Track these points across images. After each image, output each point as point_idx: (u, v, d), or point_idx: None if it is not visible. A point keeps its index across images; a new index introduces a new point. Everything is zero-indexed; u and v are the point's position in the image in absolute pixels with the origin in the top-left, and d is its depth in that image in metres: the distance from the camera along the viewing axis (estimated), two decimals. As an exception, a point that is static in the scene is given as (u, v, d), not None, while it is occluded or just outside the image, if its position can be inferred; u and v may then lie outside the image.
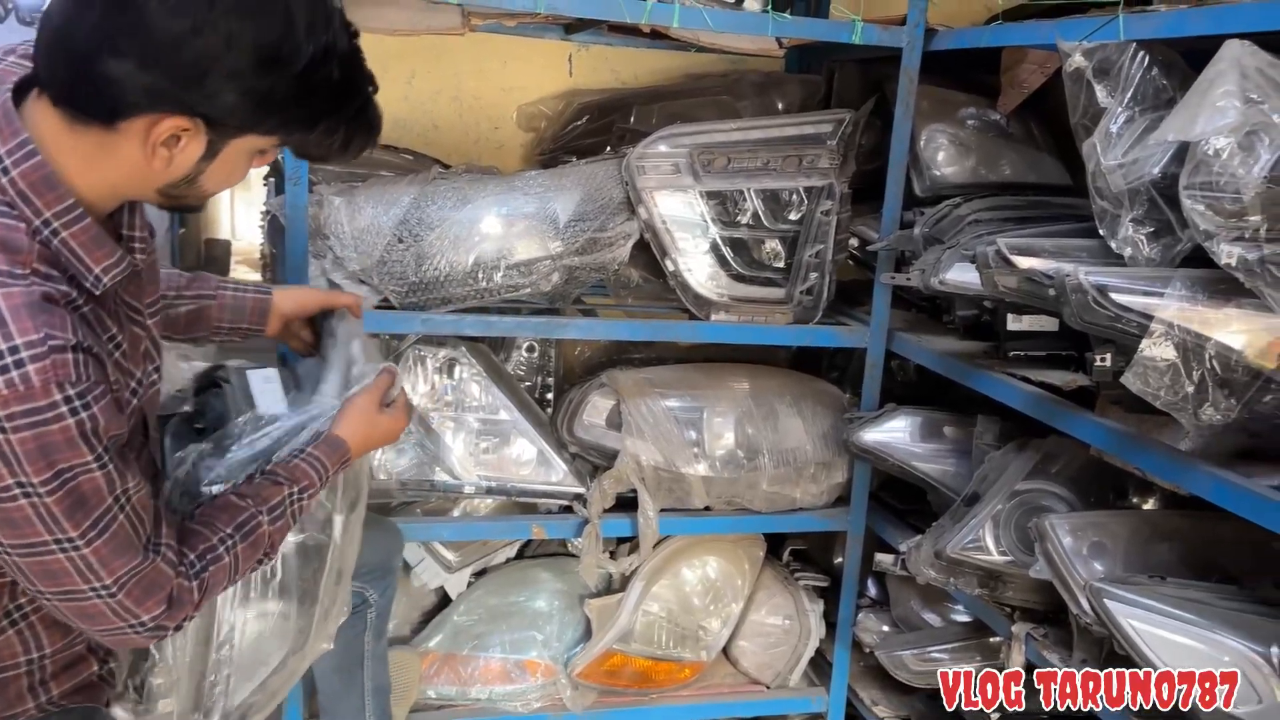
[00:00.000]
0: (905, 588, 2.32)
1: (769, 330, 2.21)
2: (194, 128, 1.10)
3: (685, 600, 2.41)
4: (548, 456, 2.25)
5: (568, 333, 2.14)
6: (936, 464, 2.13)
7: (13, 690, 1.28)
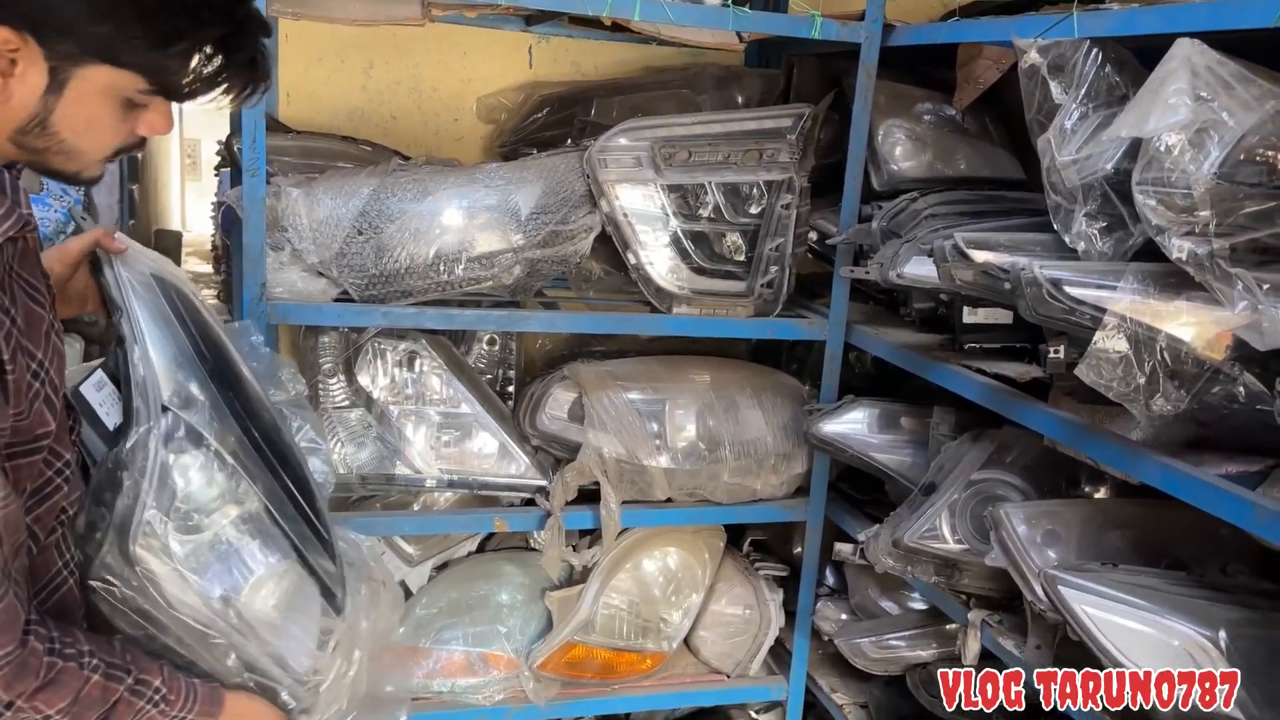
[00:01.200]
0: (863, 576, 2.36)
1: (730, 323, 2.22)
2: (24, 45, 0.99)
3: (646, 591, 2.42)
4: (510, 449, 2.25)
5: (529, 326, 2.14)
6: (894, 454, 2.17)
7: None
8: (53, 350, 1.14)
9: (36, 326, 1.12)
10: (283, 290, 1.97)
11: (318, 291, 2.01)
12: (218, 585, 1.30)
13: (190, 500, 1.29)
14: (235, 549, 1.32)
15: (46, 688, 1.11)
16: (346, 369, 2.22)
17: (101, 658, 1.18)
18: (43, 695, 1.11)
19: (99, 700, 1.17)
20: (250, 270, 1.91)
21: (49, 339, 1.14)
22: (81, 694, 1.15)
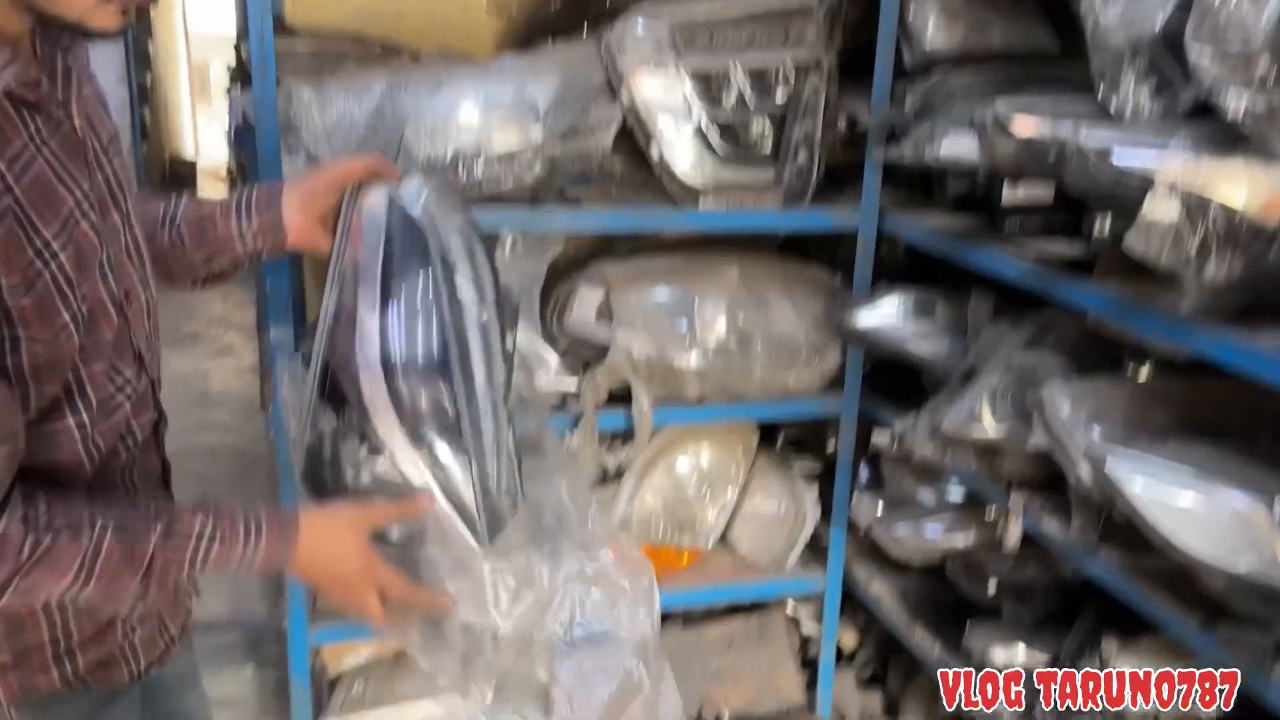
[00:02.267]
0: (899, 468, 2.33)
1: (758, 215, 2.16)
2: None
3: (680, 490, 2.42)
4: (538, 352, 2.22)
5: (553, 225, 2.09)
6: (930, 344, 2.12)
7: (36, 659, 1.18)
8: (74, 239, 1.07)
9: (53, 206, 1.05)
10: (300, 195, 1.92)
11: (335, 196, 1.96)
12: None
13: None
14: None
15: (38, 564, 1.04)
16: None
17: (112, 518, 1.09)
18: (37, 571, 1.05)
19: (125, 561, 1.09)
20: (267, 175, 1.86)
21: (68, 223, 1.06)
22: (93, 560, 1.07)
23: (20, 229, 1.00)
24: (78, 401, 1.11)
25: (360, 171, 1.38)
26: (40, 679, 1.19)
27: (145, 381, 1.23)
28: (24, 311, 1.01)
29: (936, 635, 2.22)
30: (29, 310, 1.01)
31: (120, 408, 1.18)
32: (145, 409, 1.24)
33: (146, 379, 1.24)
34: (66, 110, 1.10)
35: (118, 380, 1.17)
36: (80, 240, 1.08)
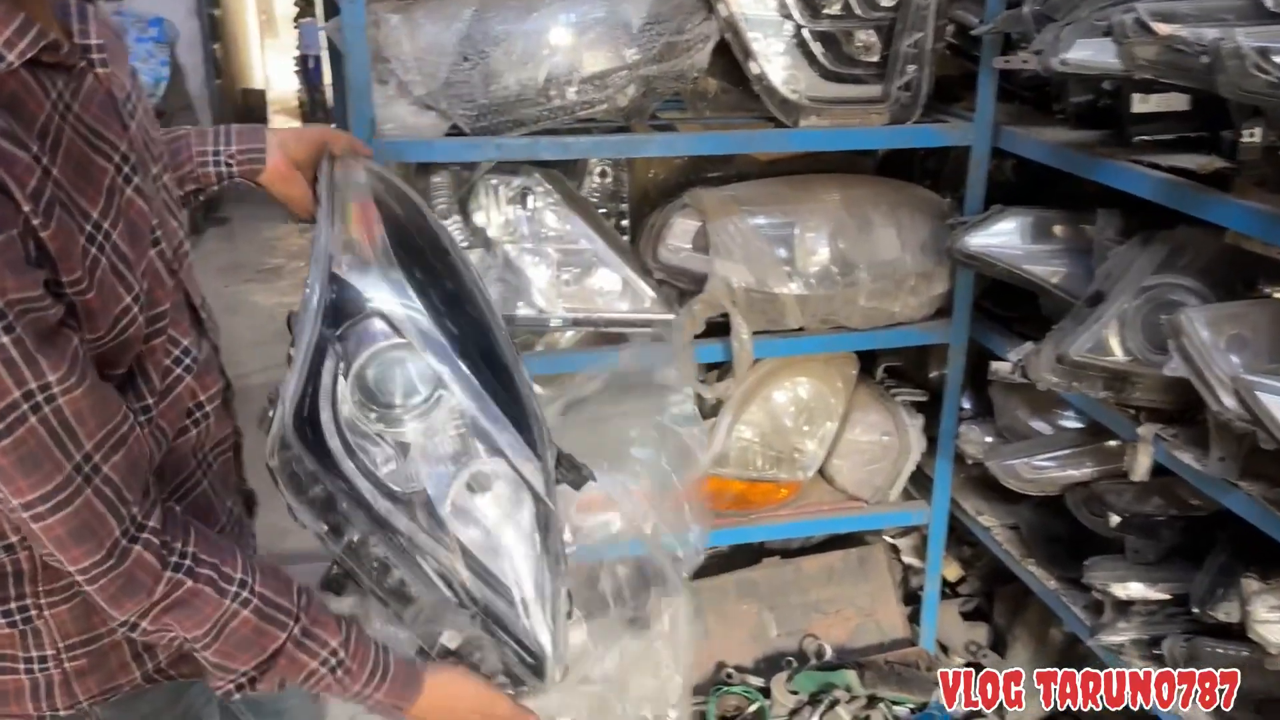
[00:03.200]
0: (1012, 397, 2.24)
1: (863, 133, 2.06)
2: None
3: (778, 422, 2.36)
4: (633, 284, 2.16)
5: (649, 150, 2.01)
6: (1049, 266, 2.00)
7: (115, 659, 1.13)
8: (122, 211, 0.97)
9: (94, 180, 0.94)
10: (392, 126, 1.88)
11: (428, 126, 1.91)
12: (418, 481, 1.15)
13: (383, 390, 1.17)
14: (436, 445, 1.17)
15: (173, 608, 0.97)
16: (462, 209, 2.13)
17: (260, 592, 1.02)
18: (171, 615, 0.98)
19: (250, 641, 1.02)
20: (357, 105, 1.81)
21: (113, 196, 0.96)
22: (224, 625, 1.00)
23: (68, 215, 0.89)
24: (140, 385, 1.03)
25: (341, 144, 1.39)
26: (121, 679, 1.14)
27: (207, 348, 1.16)
28: (90, 305, 0.91)
29: (1052, 570, 2.14)
30: (95, 303, 0.91)
31: (181, 383, 1.09)
32: (211, 376, 1.16)
33: (208, 345, 1.16)
34: (88, 58, 0.98)
35: (175, 353, 1.08)
36: (128, 210, 0.98)
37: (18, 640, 1.07)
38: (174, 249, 1.09)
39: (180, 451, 1.13)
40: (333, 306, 1.14)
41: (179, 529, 0.99)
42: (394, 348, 1.14)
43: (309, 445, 1.09)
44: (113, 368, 0.98)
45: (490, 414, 1.17)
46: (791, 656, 2.43)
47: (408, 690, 1.12)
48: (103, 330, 0.93)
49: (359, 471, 1.11)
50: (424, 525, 1.12)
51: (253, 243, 5.93)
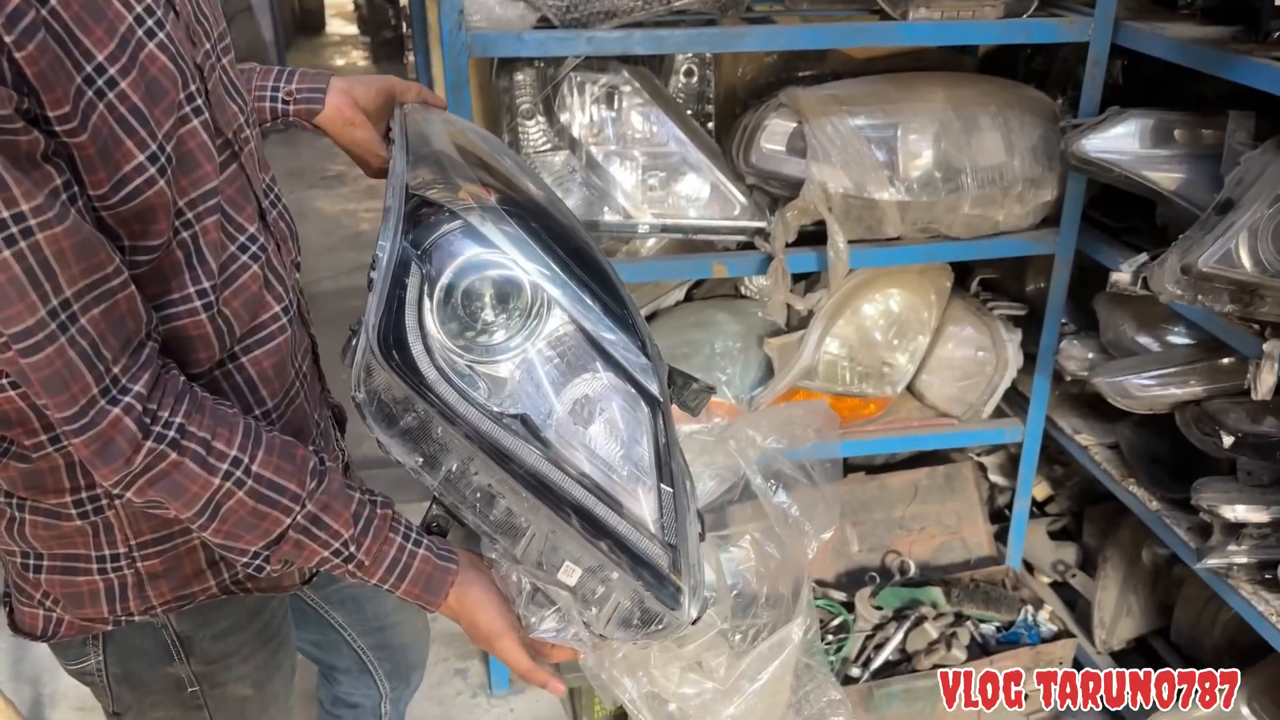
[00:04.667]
0: (1117, 311, 2.14)
1: (977, 26, 1.93)
2: None
3: (867, 336, 2.28)
4: (723, 189, 2.07)
5: (749, 44, 1.90)
6: (1171, 172, 1.89)
7: (189, 564, 1.10)
8: (140, 64, 0.89)
9: (105, 22, 0.87)
10: (480, 18, 1.79)
11: (515, 18, 1.82)
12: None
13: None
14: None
15: (156, 482, 0.92)
16: (546, 109, 2.06)
17: (257, 472, 0.96)
18: (155, 490, 0.92)
19: (249, 523, 0.97)
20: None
21: (127, 44, 0.88)
22: (218, 505, 0.95)
23: (61, 49, 0.83)
24: (195, 264, 0.98)
25: (412, 93, 1.37)
26: (195, 586, 1.11)
27: (274, 242, 1.10)
28: (85, 151, 0.85)
29: (1154, 490, 2.07)
30: (90, 150, 0.85)
31: (246, 270, 1.04)
32: (286, 273, 1.11)
33: (274, 239, 1.10)
34: None
35: (240, 239, 1.03)
36: (149, 65, 0.90)
37: (90, 536, 1.06)
38: (234, 130, 1.05)
39: (280, 357, 1.10)
40: (412, 219, 1.05)
41: (171, 398, 0.92)
42: (482, 256, 1.05)
43: (398, 369, 1.01)
44: (143, 237, 0.93)
45: (596, 320, 1.07)
46: (875, 573, 2.40)
47: (429, 594, 1.06)
48: (106, 185, 0.88)
49: (455, 391, 1.02)
50: (532, 443, 1.03)
51: (314, 148, 5.87)
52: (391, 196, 1.09)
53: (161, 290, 0.97)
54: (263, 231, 1.08)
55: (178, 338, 0.99)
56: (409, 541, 1.06)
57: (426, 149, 1.20)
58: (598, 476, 1.05)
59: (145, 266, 0.95)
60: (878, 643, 2.23)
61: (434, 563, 1.06)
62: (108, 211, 0.89)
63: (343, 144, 1.36)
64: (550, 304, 1.06)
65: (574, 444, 1.05)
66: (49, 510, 1.04)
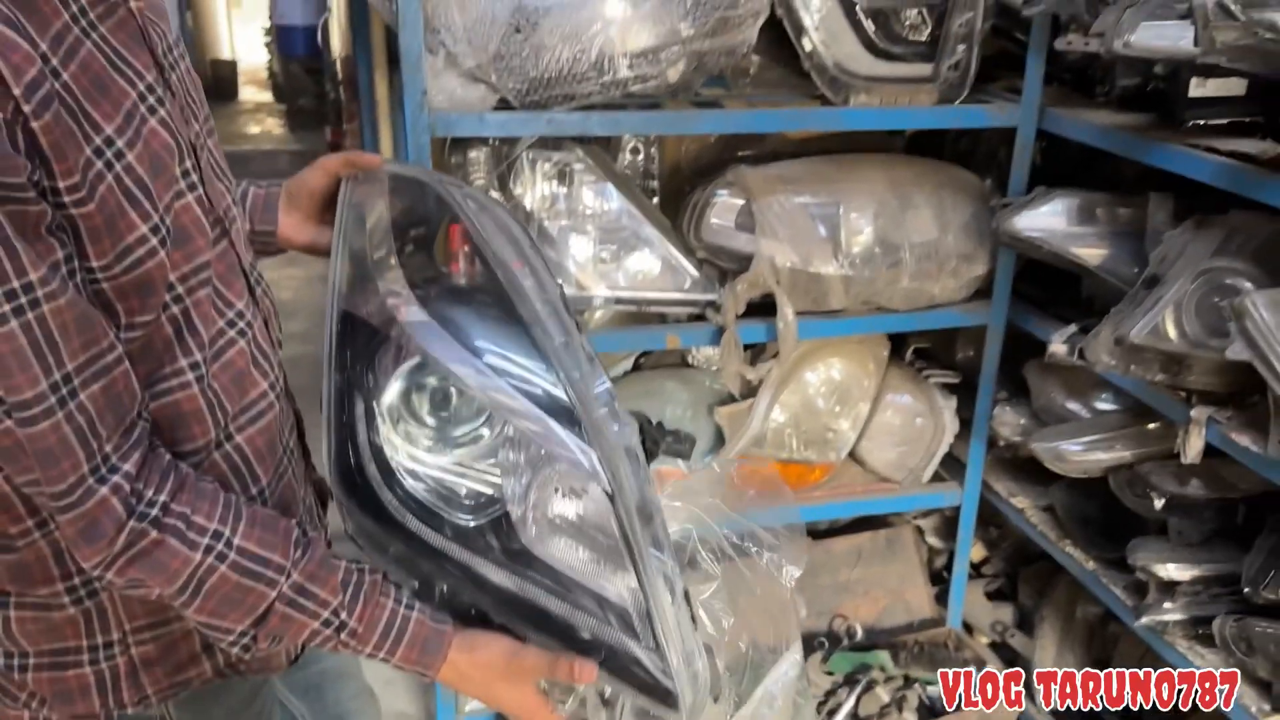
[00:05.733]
0: (1048, 379, 2.25)
1: (912, 113, 2.04)
2: None
3: (811, 404, 2.35)
4: (675, 263, 2.13)
5: (703, 126, 1.98)
6: (1095, 248, 2.01)
7: (185, 649, 1.08)
8: (144, 138, 0.91)
9: (112, 97, 0.89)
10: (443, 99, 1.83)
11: (476, 99, 1.86)
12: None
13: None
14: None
15: (138, 560, 0.91)
16: (500, 184, 2.09)
17: (240, 545, 0.95)
18: (137, 569, 0.91)
19: (234, 599, 0.96)
20: (410, 77, 1.76)
21: (132, 119, 0.90)
22: (200, 582, 0.93)
23: (73, 120, 0.85)
24: (187, 337, 0.98)
25: (335, 163, 1.30)
26: (190, 671, 1.09)
27: (260, 319, 1.11)
28: (92, 221, 0.86)
29: (1089, 551, 2.16)
30: (97, 220, 0.86)
31: (233, 346, 1.05)
32: (271, 348, 1.12)
33: (260, 316, 1.12)
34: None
35: (227, 314, 1.04)
36: (151, 139, 0.92)
37: (82, 625, 1.03)
38: (224, 209, 1.07)
39: (270, 434, 1.10)
40: (346, 348, 1.07)
41: (158, 476, 0.92)
42: (418, 369, 1.05)
43: (363, 506, 1.01)
44: (140, 311, 0.93)
45: (537, 416, 1.03)
46: (822, 637, 2.43)
47: (427, 656, 1.03)
48: (110, 255, 0.88)
49: (418, 519, 1.02)
50: (508, 563, 1.02)
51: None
52: (327, 317, 1.10)
53: (155, 366, 0.97)
54: (250, 308, 1.09)
55: (173, 415, 0.99)
56: (401, 605, 1.04)
57: (360, 237, 1.19)
58: (579, 576, 1.05)
59: (138, 341, 0.95)
60: (830, 708, 2.26)
61: (429, 625, 1.04)
62: (110, 282, 0.90)
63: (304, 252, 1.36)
64: (487, 410, 1.06)
65: (552, 542, 1.06)
66: (38, 603, 1.01)
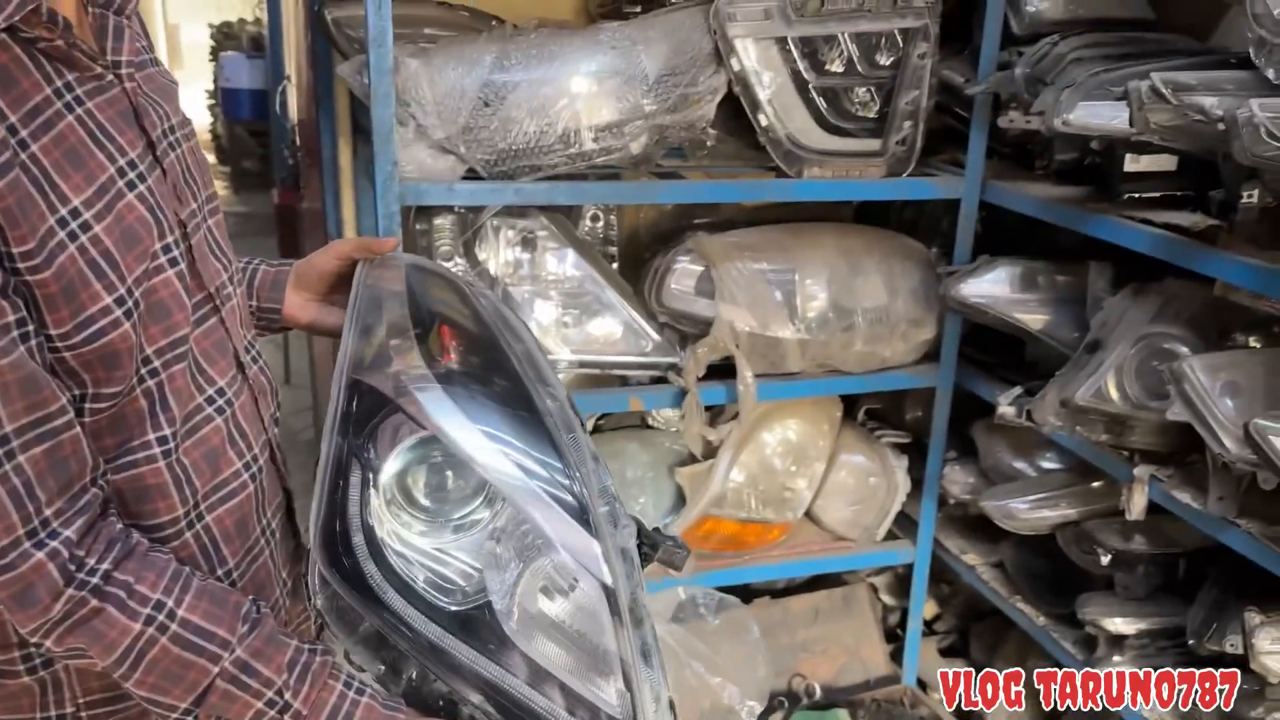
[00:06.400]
0: (995, 439, 2.33)
1: (863, 185, 2.13)
2: None
3: (769, 464, 2.40)
4: (636, 327, 2.18)
5: (664, 197, 2.05)
6: (1039, 314, 2.11)
7: (135, 707, 1.03)
8: (116, 212, 0.92)
9: (86, 170, 0.90)
10: (413, 169, 1.87)
11: (445, 169, 1.91)
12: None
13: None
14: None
15: (76, 629, 0.89)
16: (465, 250, 2.13)
17: (183, 617, 0.92)
18: (75, 638, 0.89)
19: (176, 674, 0.93)
20: (381, 148, 1.79)
21: (105, 193, 0.91)
22: (140, 653, 0.91)
23: (36, 189, 0.85)
24: (158, 412, 0.97)
25: (349, 246, 1.32)
26: None
27: (249, 395, 1.11)
28: (47, 289, 0.86)
29: (1039, 606, 2.22)
30: (53, 289, 0.86)
31: (210, 423, 1.04)
32: (254, 426, 1.11)
33: (250, 394, 1.11)
34: (116, 73, 0.96)
35: (207, 390, 1.04)
36: (126, 214, 0.92)
37: (38, 695, 1.01)
38: (216, 288, 1.07)
39: (241, 514, 1.09)
40: (352, 414, 1.05)
41: (103, 545, 0.90)
42: (424, 443, 1.03)
43: (344, 576, 0.98)
44: (107, 383, 0.93)
45: (545, 504, 1.03)
46: (782, 696, 2.45)
47: None
48: (68, 324, 0.88)
49: (402, 597, 0.99)
50: (487, 649, 0.99)
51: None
52: (335, 384, 1.09)
53: (125, 438, 0.97)
54: (235, 384, 1.09)
55: (137, 488, 0.98)
56: (351, 689, 1.01)
57: (376, 316, 1.19)
58: (562, 675, 1.02)
59: (107, 412, 0.95)
60: (792, 767, 2.28)
61: (379, 712, 1.00)
62: (71, 351, 0.90)
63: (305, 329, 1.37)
64: (493, 491, 1.04)
65: (536, 637, 1.03)
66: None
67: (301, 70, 2.89)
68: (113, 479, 0.96)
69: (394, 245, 1.33)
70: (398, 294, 1.23)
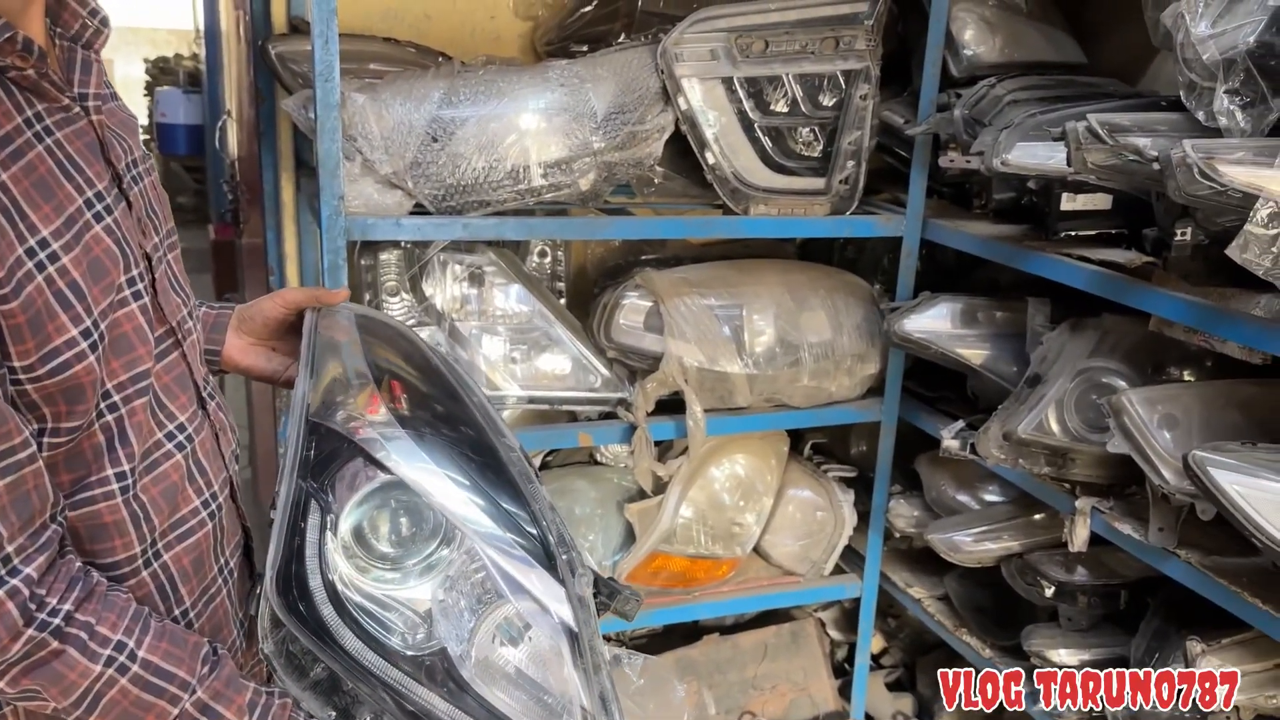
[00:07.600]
0: (939, 472, 2.36)
1: (807, 223, 2.16)
2: None
3: (717, 499, 2.40)
4: (585, 362, 2.17)
5: (612, 233, 2.05)
6: (980, 349, 2.14)
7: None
8: (84, 244, 0.91)
9: (55, 202, 0.90)
10: (360, 203, 1.85)
11: (393, 204, 1.89)
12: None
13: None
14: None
15: (33, 670, 0.88)
16: (412, 286, 2.11)
17: (144, 658, 0.92)
18: (32, 679, 0.88)
19: (132, 715, 0.92)
20: (327, 183, 1.77)
21: (74, 224, 0.91)
22: (99, 695, 0.90)
23: (6, 219, 0.85)
24: (117, 447, 0.96)
25: (299, 296, 1.33)
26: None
27: (209, 431, 1.10)
28: (14, 319, 0.85)
29: (985, 638, 2.24)
30: (20, 319, 0.86)
31: (169, 459, 1.03)
32: (214, 463, 1.10)
33: (211, 430, 1.10)
34: (84, 105, 0.96)
35: (167, 426, 1.03)
36: (93, 246, 0.92)
37: None
38: (178, 322, 1.06)
39: (199, 553, 1.07)
40: (311, 458, 1.05)
41: (64, 584, 0.89)
42: (384, 488, 1.03)
43: (300, 619, 0.97)
44: (68, 417, 0.92)
45: (508, 548, 1.05)
46: (732, 735, 2.44)
47: None
48: (34, 356, 0.87)
49: (359, 640, 0.99)
50: (445, 693, 0.99)
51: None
52: (292, 427, 1.09)
53: (83, 473, 0.95)
54: (196, 420, 1.07)
55: (93, 525, 0.96)
56: None
57: (332, 359, 1.20)
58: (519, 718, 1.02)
59: (65, 446, 0.93)
60: (743, 807, 2.26)
61: None
62: (34, 384, 0.89)
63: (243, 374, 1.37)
64: (454, 532, 1.04)
65: (493, 683, 1.02)
66: None
67: (242, 105, 2.85)
68: (69, 515, 0.94)
69: (345, 297, 1.35)
70: (352, 343, 1.23)
